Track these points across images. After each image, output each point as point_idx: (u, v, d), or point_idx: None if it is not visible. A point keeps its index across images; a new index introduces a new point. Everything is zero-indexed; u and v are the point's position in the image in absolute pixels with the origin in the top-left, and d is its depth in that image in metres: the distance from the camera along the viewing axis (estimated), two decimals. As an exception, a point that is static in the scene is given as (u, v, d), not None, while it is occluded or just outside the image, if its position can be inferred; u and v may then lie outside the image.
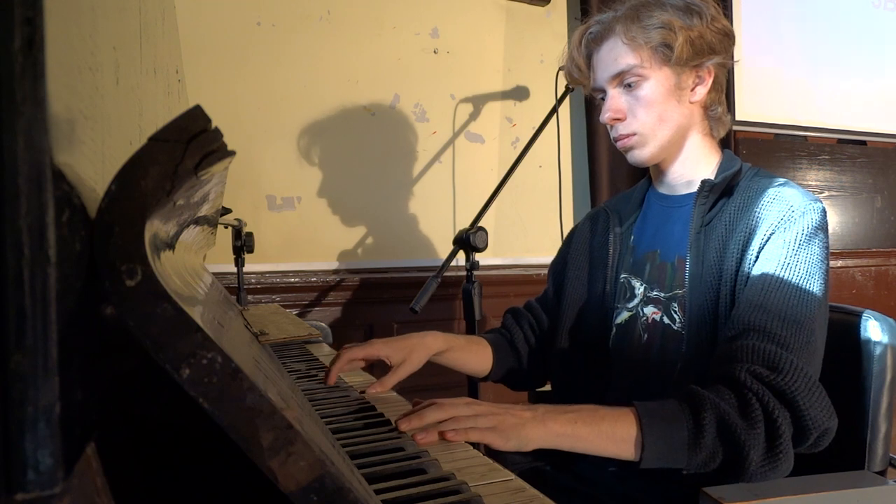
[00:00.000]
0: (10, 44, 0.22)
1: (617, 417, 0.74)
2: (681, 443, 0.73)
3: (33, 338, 0.23)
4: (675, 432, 0.73)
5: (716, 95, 1.00)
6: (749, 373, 0.76)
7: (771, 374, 0.76)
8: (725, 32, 0.98)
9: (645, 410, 0.74)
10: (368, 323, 2.13)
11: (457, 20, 2.28)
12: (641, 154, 1.00)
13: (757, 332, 0.81)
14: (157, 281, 0.28)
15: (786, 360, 0.77)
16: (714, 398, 0.74)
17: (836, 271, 2.99)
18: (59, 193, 0.25)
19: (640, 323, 1.03)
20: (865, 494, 0.75)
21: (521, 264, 2.35)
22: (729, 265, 0.90)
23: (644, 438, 0.72)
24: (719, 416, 0.73)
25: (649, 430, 0.72)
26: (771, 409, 0.73)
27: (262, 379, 0.34)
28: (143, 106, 0.52)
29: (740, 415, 0.73)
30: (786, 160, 2.93)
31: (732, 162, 1.00)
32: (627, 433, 0.73)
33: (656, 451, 0.72)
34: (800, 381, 0.75)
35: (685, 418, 0.74)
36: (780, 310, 0.82)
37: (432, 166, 2.24)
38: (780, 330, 0.80)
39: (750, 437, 0.72)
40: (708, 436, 0.72)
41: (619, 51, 0.96)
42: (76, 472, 0.27)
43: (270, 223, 2.02)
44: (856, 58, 3.07)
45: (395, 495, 0.54)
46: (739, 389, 0.75)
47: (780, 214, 0.89)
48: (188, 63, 1.59)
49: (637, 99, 0.97)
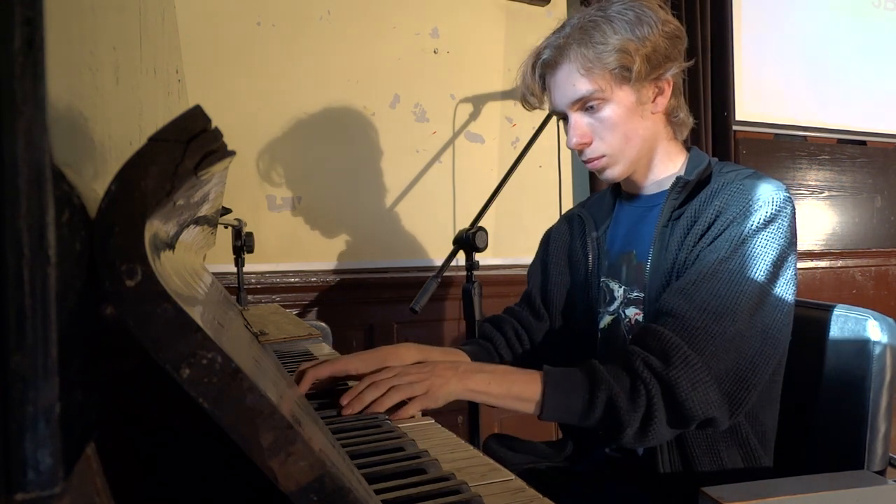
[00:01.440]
0: (10, 44, 0.22)
1: (526, 382, 0.85)
2: (574, 411, 0.85)
3: (33, 338, 0.23)
4: (572, 402, 0.84)
5: (675, 101, 1.01)
6: (643, 362, 0.84)
7: (661, 367, 0.83)
8: (676, 35, 0.97)
9: (550, 378, 0.85)
10: (368, 323, 2.13)
11: (457, 20, 2.28)
12: (613, 173, 1.01)
13: (672, 318, 0.86)
14: (157, 281, 0.28)
15: (680, 354, 0.83)
16: (610, 380, 0.83)
17: (836, 271, 2.99)
18: (59, 193, 0.25)
19: (622, 325, 1.03)
20: (865, 494, 0.75)
21: (521, 264, 2.35)
22: (683, 257, 0.92)
23: (544, 402, 0.84)
24: (609, 397, 0.83)
25: (550, 396, 0.84)
26: (652, 397, 0.82)
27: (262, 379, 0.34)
28: (143, 106, 0.52)
29: (628, 398, 0.83)
30: (786, 160, 2.93)
31: (700, 158, 1.02)
32: (531, 395, 0.85)
33: (552, 413, 0.84)
34: (685, 375, 0.82)
35: (582, 392, 0.84)
36: (704, 300, 0.86)
37: (432, 166, 2.24)
38: (694, 320, 0.85)
39: (629, 418, 0.82)
40: (597, 410, 0.83)
41: (574, 78, 0.96)
42: (76, 472, 0.27)
43: (270, 223, 2.02)
44: (856, 58, 3.07)
45: (395, 495, 0.54)
46: (633, 376, 0.84)
47: (739, 207, 0.89)
48: (188, 63, 1.59)
49: (601, 121, 0.97)
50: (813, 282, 2.94)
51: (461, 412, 2.14)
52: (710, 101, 2.61)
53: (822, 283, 2.96)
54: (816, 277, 2.95)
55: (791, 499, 0.73)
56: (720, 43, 2.64)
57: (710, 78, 2.61)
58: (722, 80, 2.64)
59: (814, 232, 2.97)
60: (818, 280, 2.95)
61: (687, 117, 1.03)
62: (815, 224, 2.98)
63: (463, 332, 1.72)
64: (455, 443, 0.73)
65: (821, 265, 2.95)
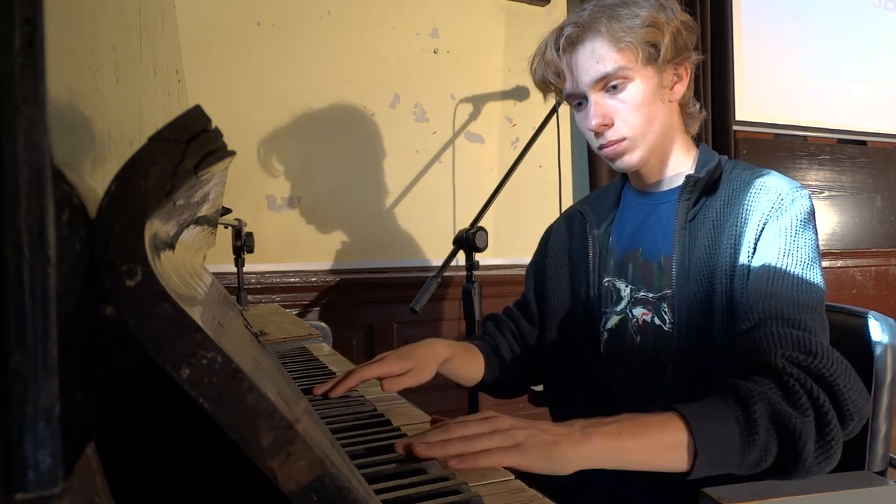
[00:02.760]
0: (10, 44, 0.22)
1: (663, 424, 0.66)
2: (733, 442, 0.66)
3: (33, 338, 0.23)
4: (727, 432, 0.66)
5: (689, 92, 0.99)
6: (785, 358, 0.71)
7: (808, 358, 0.70)
8: (691, 26, 0.96)
9: (690, 412, 0.66)
10: (368, 323, 2.13)
11: (457, 20, 2.28)
12: (631, 159, 0.96)
13: (776, 320, 0.76)
14: (157, 281, 0.28)
15: (817, 344, 0.72)
16: (759, 389, 0.67)
17: (836, 271, 2.99)
18: (59, 193, 0.25)
19: (630, 325, 1.00)
20: (865, 495, 0.75)
21: (521, 264, 2.35)
22: (723, 261, 0.88)
23: (696, 443, 0.65)
24: (770, 408, 0.66)
25: (699, 432, 0.65)
26: (815, 395, 0.68)
27: (262, 379, 0.34)
28: (143, 106, 0.52)
29: (788, 402, 0.67)
30: (786, 160, 2.93)
31: (710, 155, 0.99)
32: (676, 440, 0.66)
33: (709, 454, 0.65)
34: (836, 363, 0.70)
35: (734, 415, 0.66)
36: (792, 296, 0.78)
37: (432, 166, 2.24)
38: (798, 315, 0.76)
39: (804, 426, 0.66)
40: (762, 430, 0.66)
41: (602, 52, 0.91)
42: (76, 472, 0.27)
43: (270, 223, 2.02)
44: (856, 58, 3.07)
45: (395, 495, 0.54)
46: (779, 377, 0.69)
47: (770, 203, 0.87)
48: (188, 63, 1.58)
49: (623, 102, 0.93)
50: (813, 282, 2.94)
51: (461, 412, 2.14)
52: (711, 101, 2.61)
53: (822, 283, 2.96)
54: (816, 277, 2.95)
55: (792, 499, 0.73)
56: (720, 42, 2.64)
57: (711, 78, 2.61)
58: (722, 80, 2.64)
59: (814, 232, 2.97)
60: (818, 280, 2.95)
61: (699, 111, 1.02)
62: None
63: (463, 332, 1.72)
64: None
65: (821, 265, 2.95)
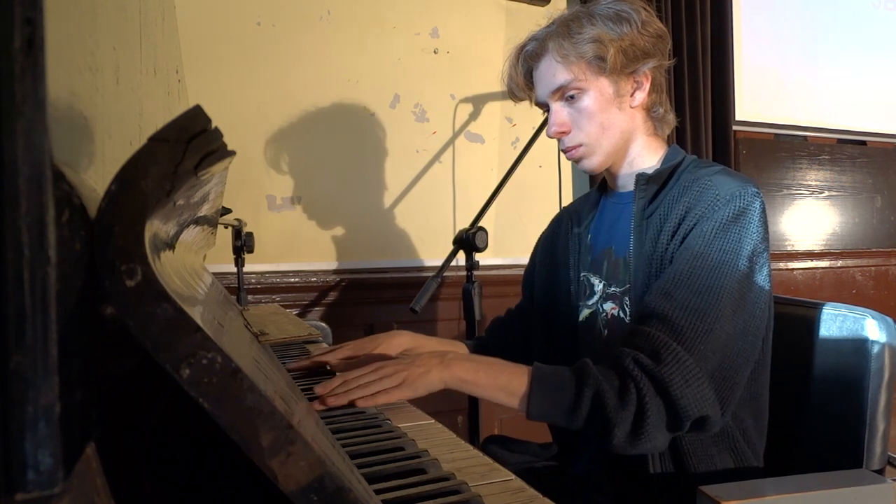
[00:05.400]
0: (10, 44, 0.22)
1: (514, 374, 0.83)
2: (561, 408, 0.82)
3: (33, 338, 0.23)
4: (559, 398, 0.82)
5: (656, 97, 1.04)
6: (633, 360, 0.82)
7: (652, 364, 0.81)
8: (658, 35, 1.00)
9: (539, 374, 0.83)
10: (368, 323, 2.13)
11: (457, 20, 2.28)
12: (591, 163, 1.03)
13: (657, 319, 0.86)
14: (157, 281, 0.28)
15: (670, 351, 0.82)
16: (599, 377, 0.81)
17: (836, 271, 2.99)
18: (59, 193, 0.25)
19: (599, 319, 1.05)
20: (863, 493, 0.75)
21: (521, 264, 2.34)
22: (664, 255, 0.93)
23: (531, 397, 0.81)
24: (596, 393, 0.80)
25: (537, 391, 0.82)
26: (643, 396, 0.80)
27: (262, 379, 0.34)
28: (143, 106, 0.52)
29: (616, 396, 0.81)
30: (786, 160, 2.93)
31: (675, 154, 1.03)
32: (519, 389, 0.82)
33: (539, 410, 0.82)
34: (677, 372, 0.81)
35: (569, 389, 0.82)
36: (686, 299, 0.85)
37: (432, 166, 2.24)
38: (680, 320, 0.84)
39: (617, 417, 0.80)
40: (584, 407, 0.80)
41: (554, 67, 1.00)
42: (76, 472, 0.27)
43: (270, 223, 2.02)
44: (856, 58, 3.07)
45: (395, 495, 0.54)
46: (623, 374, 0.82)
47: (707, 203, 0.90)
48: (188, 63, 1.59)
49: (579, 111, 1.01)
50: (813, 282, 2.94)
51: (461, 412, 2.14)
52: (711, 101, 2.61)
53: (823, 283, 2.96)
54: (816, 277, 2.95)
55: (790, 497, 0.73)
56: (720, 43, 2.64)
57: (711, 78, 2.61)
58: (722, 80, 2.64)
59: (814, 232, 2.97)
60: (818, 280, 2.95)
61: (668, 114, 1.06)
62: (815, 224, 2.98)
63: (463, 332, 1.73)
64: (455, 443, 0.73)
65: (821, 265, 2.95)
